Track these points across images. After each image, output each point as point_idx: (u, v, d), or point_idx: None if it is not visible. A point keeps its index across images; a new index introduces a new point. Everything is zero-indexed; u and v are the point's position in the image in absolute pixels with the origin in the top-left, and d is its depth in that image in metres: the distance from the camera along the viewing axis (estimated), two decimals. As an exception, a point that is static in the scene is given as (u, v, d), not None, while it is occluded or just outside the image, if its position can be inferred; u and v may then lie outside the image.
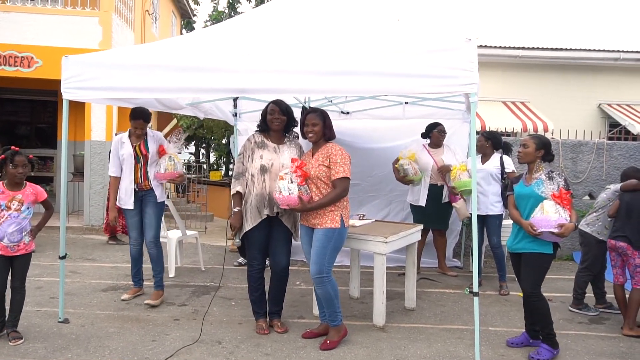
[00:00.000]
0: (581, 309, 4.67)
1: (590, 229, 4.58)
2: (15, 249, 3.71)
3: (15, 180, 3.71)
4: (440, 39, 3.51)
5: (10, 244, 3.67)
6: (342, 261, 6.31)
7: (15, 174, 3.67)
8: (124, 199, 4.64)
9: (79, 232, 8.36)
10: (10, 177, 3.69)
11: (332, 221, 3.72)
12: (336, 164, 3.73)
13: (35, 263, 6.11)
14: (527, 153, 3.69)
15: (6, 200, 3.67)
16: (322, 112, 3.90)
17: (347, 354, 3.68)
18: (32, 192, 3.82)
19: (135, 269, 4.85)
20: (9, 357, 3.47)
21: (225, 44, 3.98)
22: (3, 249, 3.67)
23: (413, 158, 5.68)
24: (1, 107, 10.57)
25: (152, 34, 12.57)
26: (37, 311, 4.42)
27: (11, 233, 3.66)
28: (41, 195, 3.88)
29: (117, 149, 4.65)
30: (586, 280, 4.68)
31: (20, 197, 3.72)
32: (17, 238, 3.70)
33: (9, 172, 3.67)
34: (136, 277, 4.88)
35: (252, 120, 6.82)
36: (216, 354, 3.62)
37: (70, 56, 4.01)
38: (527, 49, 11.25)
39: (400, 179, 5.78)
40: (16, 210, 3.69)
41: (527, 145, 3.70)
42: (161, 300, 4.69)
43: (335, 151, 3.78)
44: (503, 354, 3.74)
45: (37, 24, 8.53)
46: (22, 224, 3.71)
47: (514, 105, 10.99)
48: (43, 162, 10.79)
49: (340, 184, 3.74)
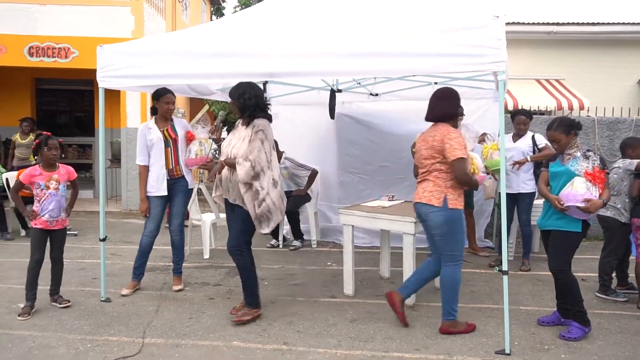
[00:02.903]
0: (609, 294, 4.55)
1: (611, 212, 4.44)
2: (54, 224, 4.09)
3: (50, 161, 4.06)
4: (467, 17, 3.48)
5: (51, 219, 4.04)
6: (372, 242, 6.37)
7: (50, 156, 4.05)
8: (155, 186, 4.49)
9: (118, 217, 8.66)
10: (45, 159, 4.05)
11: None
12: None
13: (78, 246, 6.41)
14: (563, 144, 3.64)
15: (45, 180, 4.02)
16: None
17: (377, 332, 3.75)
18: (65, 172, 4.18)
19: (141, 261, 4.63)
20: (57, 333, 3.69)
21: (253, 29, 4.05)
22: (43, 223, 4.02)
23: None
24: (41, 97, 10.94)
25: (182, 21, 12.74)
26: (81, 290, 4.65)
27: (52, 210, 4.02)
28: (72, 174, 4.25)
29: (145, 136, 4.50)
30: (612, 265, 4.56)
31: (57, 176, 4.08)
32: (56, 214, 4.07)
33: (44, 154, 4.03)
34: (139, 270, 4.65)
35: (282, 104, 6.90)
36: (250, 331, 3.75)
37: (105, 46, 4.15)
38: (561, 24, 10.94)
39: None
40: (55, 189, 4.04)
41: (557, 139, 3.64)
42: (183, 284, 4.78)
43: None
44: (534, 332, 3.75)
45: (73, 15, 8.77)
46: (60, 201, 4.09)
47: (548, 83, 10.74)
48: (82, 150, 11.17)
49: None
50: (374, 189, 6.53)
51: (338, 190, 6.89)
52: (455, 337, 3.64)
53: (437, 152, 3.56)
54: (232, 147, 3.83)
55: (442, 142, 3.51)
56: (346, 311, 4.17)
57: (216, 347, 3.48)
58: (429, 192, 3.59)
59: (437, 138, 3.56)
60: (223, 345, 3.51)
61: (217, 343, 3.53)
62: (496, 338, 3.62)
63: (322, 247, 6.52)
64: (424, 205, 3.61)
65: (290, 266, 5.59)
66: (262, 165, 3.74)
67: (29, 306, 4.03)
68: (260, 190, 3.73)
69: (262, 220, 3.77)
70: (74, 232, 7.21)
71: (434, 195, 3.56)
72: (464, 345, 3.52)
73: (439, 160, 3.56)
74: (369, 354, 3.39)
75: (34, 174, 4.02)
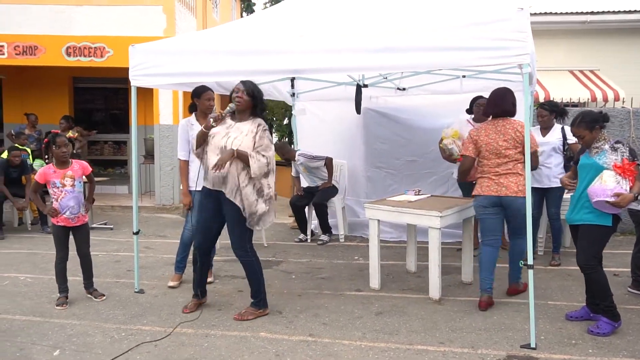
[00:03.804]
0: None
1: None
2: (76, 220, 4.18)
3: (61, 159, 4.15)
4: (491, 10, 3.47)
5: (72, 216, 4.15)
6: (400, 237, 6.39)
7: (60, 153, 4.13)
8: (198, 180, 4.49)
9: (151, 211, 8.89)
10: (56, 157, 4.15)
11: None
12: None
13: (112, 239, 6.64)
14: (588, 140, 3.60)
15: (60, 178, 4.11)
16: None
17: (402, 325, 3.79)
18: (79, 167, 4.25)
19: (183, 254, 4.68)
20: (94, 322, 3.86)
21: (279, 27, 4.12)
22: (64, 220, 4.13)
23: (457, 136, 5.55)
24: (78, 95, 11.29)
25: (213, 18, 12.93)
26: (116, 282, 4.83)
27: (72, 206, 4.12)
28: (87, 169, 4.33)
29: (187, 132, 4.50)
30: None
31: (71, 173, 4.16)
32: (76, 210, 4.17)
33: (54, 152, 4.13)
34: (182, 263, 4.71)
35: (310, 99, 6.97)
36: (277, 322, 3.84)
37: (137, 45, 4.29)
38: (596, 13, 10.64)
39: (447, 158, 5.70)
40: (71, 185, 4.13)
41: (581, 135, 3.61)
42: (213, 276, 4.87)
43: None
44: (561, 327, 3.72)
45: (107, 15, 9.02)
46: (78, 197, 4.19)
47: (582, 74, 10.47)
48: (117, 146, 11.49)
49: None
50: (401, 184, 6.55)
51: (365, 185, 6.92)
52: (480, 331, 3.65)
53: (518, 143, 4.00)
54: (232, 139, 3.67)
55: (523, 134, 3.91)
56: (372, 304, 4.22)
57: (244, 337, 3.58)
58: (522, 184, 4.00)
59: (519, 129, 4.01)
60: (250, 335, 3.60)
61: (245, 334, 3.63)
62: (522, 332, 3.60)
63: (349, 241, 6.57)
64: (518, 198, 3.98)
65: (317, 260, 5.66)
66: (274, 164, 3.76)
67: (63, 297, 4.21)
68: (267, 188, 3.74)
69: (263, 218, 3.73)
70: (109, 226, 7.47)
71: (520, 189, 4.02)
72: (489, 339, 3.52)
73: (520, 150, 4.01)
74: (393, 346, 3.43)
75: (48, 172, 4.11)
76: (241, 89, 3.77)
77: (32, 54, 8.97)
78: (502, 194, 4.04)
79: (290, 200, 6.79)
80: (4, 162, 6.83)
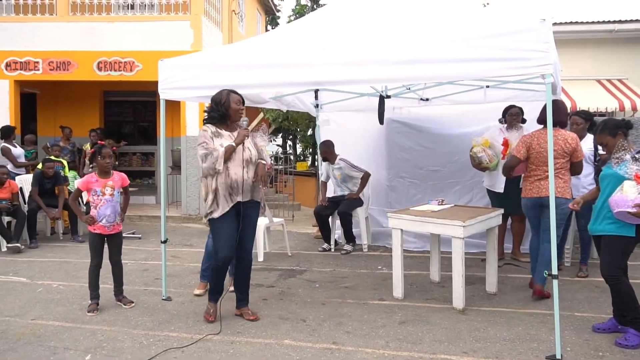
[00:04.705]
0: None
1: None
2: (111, 228, 4.34)
3: (105, 169, 4.33)
4: (514, 21, 3.50)
5: (108, 224, 4.31)
6: (423, 247, 6.38)
7: (104, 164, 4.31)
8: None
9: (178, 221, 9.07)
10: (100, 167, 4.33)
11: None
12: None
13: (141, 248, 6.79)
14: (611, 146, 3.62)
15: (101, 186, 4.29)
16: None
17: (425, 334, 3.79)
18: (119, 179, 4.44)
19: (208, 263, 4.67)
20: (123, 328, 3.97)
21: (302, 40, 4.21)
22: (100, 228, 4.29)
23: (487, 144, 5.56)
24: (108, 108, 11.63)
25: (238, 32, 13.19)
26: (144, 290, 4.95)
27: (109, 215, 4.29)
28: (125, 181, 4.51)
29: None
30: None
31: (111, 183, 4.34)
32: (113, 219, 4.33)
33: (99, 163, 4.32)
34: (207, 272, 4.67)
35: (333, 110, 7.05)
36: (300, 330, 3.89)
37: (165, 60, 4.43)
38: (623, 22, 10.49)
39: (476, 166, 5.73)
40: (110, 195, 4.30)
41: (604, 142, 3.66)
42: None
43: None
44: (588, 339, 3.67)
45: (137, 30, 9.32)
46: (115, 207, 4.35)
47: (610, 83, 10.31)
48: (145, 158, 11.76)
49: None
50: (425, 194, 6.55)
51: (389, 195, 6.94)
52: (505, 341, 3.63)
53: (568, 152, 4.37)
54: (249, 151, 3.93)
55: (576, 144, 4.37)
56: (395, 313, 4.23)
57: (268, 344, 3.63)
58: (561, 187, 4.35)
59: (569, 141, 4.38)
60: (275, 343, 3.66)
61: (270, 341, 3.69)
62: (547, 343, 3.57)
63: (373, 251, 6.59)
64: (557, 198, 4.07)
65: (341, 269, 5.70)
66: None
67: (94, 304, 4.34)
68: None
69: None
70: (137, 235, 7.64)
71: (566, 190, 4.38)
72: (514, 350, 3.50)
73: (567, 159, 4.40)
74: (416, 355, 3.44)
75: (91, 180, 4.30)
76: (240, 101, 3.96)
77: (65, 69, 9.31)
78: (542, 195, 4.37)
79: (315, 210, 6.86)
80: (38, 173, 7.08)
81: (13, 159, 7.86)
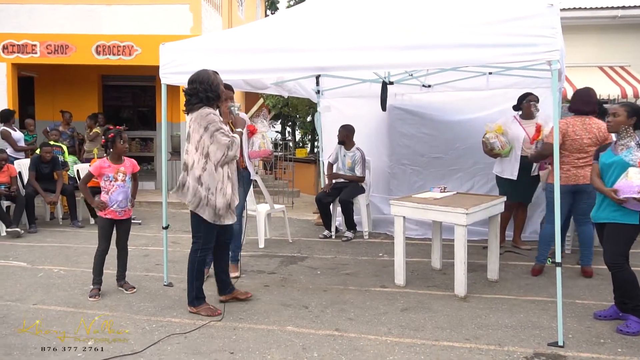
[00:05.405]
0: None
1: None
2: (122, 214, 4.35)
3: (123, 154, 4.34)
4: (521, 6, 3.44)
5: (119, 209, 4.31)
6: (425, 234, 6.38)
7: (123, 148, 4.33)
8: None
9: (177, 207, 9.03)
10: (119, 151, 4.31)
11: None
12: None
13: (141, 234, 6.78)
14: (618, 122, 3.58)
15: (113, 172, 4.28)
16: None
17: (427, 321, 3.80)
18: (130, 164, 4.43)
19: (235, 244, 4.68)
20: (126, 313, 3.97)
21: (305, 25, 4.16)
22: (112, 213, 4.29)
23: (500, 131, 5.51)
24: (107, 93, 11.55)
25: (238, 17, 13.06)
26: (146, 275, 4.94)
27: (120, 200, 4.28)
28: (136, 167, 4.52)
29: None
30: None
31: (123, 169, 4.33)
32: (124, 204, 4.33)
33: (118, 146, 4.29)
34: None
35: (335, 97, 7.00)
36: (303, 317, 3.89)
37: (167, 44, 4.37)
38: (627, 7, 10.37)
39: (488, 152, 5.67)
40: (122, 180, 4.29)
41: (617, 114, 3.59)
42: (240, 271, 4.93)
43: None
44: (589, 326, 3.68)
45: (135, 14, 9.21)
46: (127, 192, 4.35)
47: (612, 70, 10.24)
48: (144, 143, 11.70)
49: None
50: (426, 181, 6.54)
51: (390, 182, 6.93)
52: (507, 328, 3.64)
53: (600, 141, 4.42)
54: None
55: (607, 133, 4.31)
56: (397, 300, 4.24)
57: (271, 330, 3.64)
58: None
59: (603, 130, 4.42)
60: (277, 329, 3.66)
61: (272, 327, 3.69)
62: (549, 330, 3.58)
63: (374, 238, 6.59)
64: (589, 185, 4.21)
65: (342, 256, 5.70)
66: None
67: (96, 289, 4.33)
68: None
69: None
70: (137, 221, 7.62)
71: None
72: (516, 337, 3.51)
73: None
74: (419, 342, 3.45)
75: (104, 165, 4.29)
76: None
77: (63, 53, 9.22)
78: (579, 182, 4.51)
79: (316, 197, 6.84)
80: (35, 158, 7.03)
81: (13, 143, 7.80)
